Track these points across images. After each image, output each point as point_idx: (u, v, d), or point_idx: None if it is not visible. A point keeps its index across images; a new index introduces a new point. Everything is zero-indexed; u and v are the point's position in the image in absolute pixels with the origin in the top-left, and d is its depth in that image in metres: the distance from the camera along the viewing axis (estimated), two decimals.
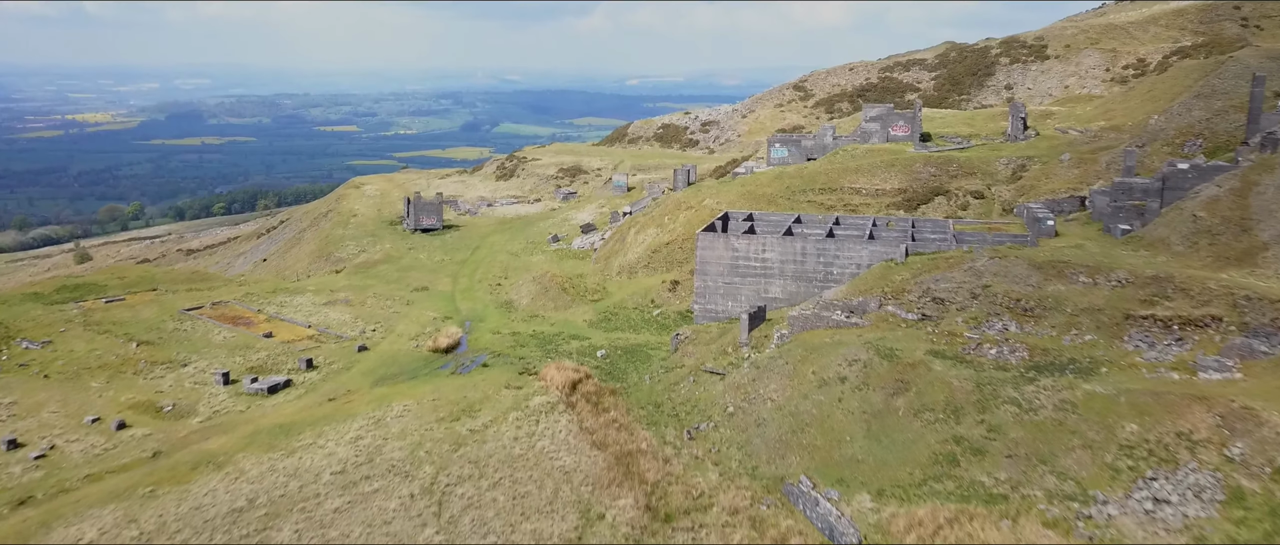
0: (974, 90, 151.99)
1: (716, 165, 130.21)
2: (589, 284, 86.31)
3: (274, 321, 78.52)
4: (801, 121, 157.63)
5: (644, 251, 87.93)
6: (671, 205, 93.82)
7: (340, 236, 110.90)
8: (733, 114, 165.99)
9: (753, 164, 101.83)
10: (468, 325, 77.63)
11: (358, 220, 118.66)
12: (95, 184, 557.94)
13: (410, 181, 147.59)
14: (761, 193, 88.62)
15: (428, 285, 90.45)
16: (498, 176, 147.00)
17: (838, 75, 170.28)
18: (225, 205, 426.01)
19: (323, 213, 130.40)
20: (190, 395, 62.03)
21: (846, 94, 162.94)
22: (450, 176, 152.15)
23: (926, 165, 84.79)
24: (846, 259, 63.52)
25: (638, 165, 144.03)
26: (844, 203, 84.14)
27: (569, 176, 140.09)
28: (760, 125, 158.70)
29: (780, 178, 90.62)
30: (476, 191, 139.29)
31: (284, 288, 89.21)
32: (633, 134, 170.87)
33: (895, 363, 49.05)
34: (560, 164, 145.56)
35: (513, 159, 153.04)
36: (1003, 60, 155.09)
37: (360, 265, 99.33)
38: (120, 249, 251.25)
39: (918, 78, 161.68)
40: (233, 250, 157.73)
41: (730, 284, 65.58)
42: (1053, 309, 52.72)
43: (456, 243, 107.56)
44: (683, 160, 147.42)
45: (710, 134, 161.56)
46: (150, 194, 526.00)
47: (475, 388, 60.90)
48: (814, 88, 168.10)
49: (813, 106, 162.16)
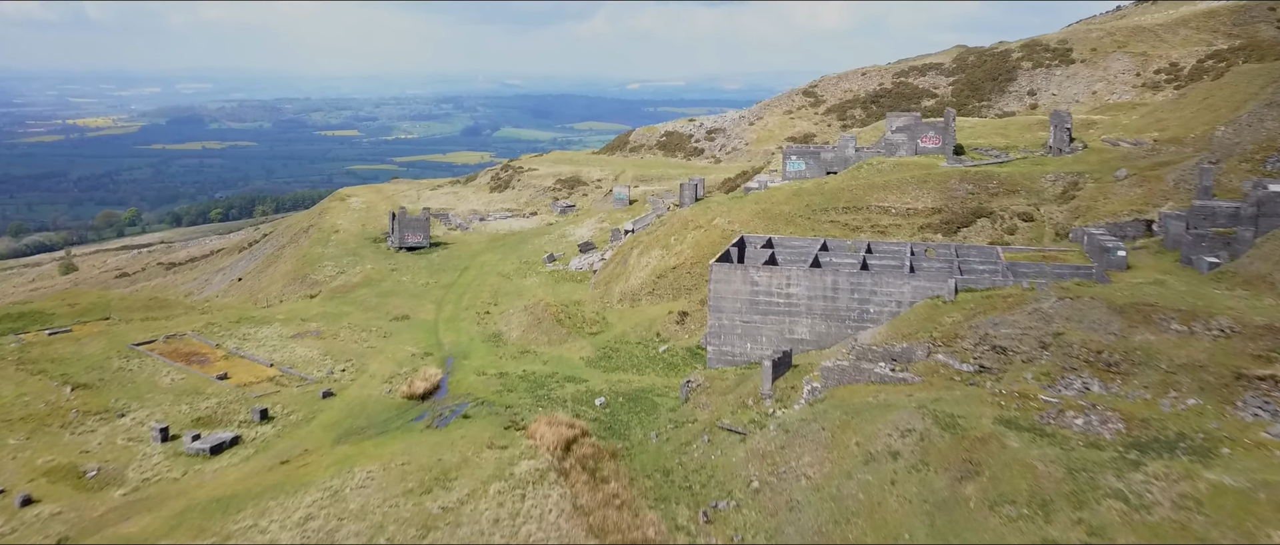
0: (995, 96, 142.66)
1: (725, 177, 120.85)
2: (587, 313, 76.94)
3: (232, 359, 69.19)
4: (812, 129, 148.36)
5: (648, 276, 78.57)
6: (678, 224, 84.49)
7: (318, 256, 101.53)
8: (740, 121, 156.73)
9: (766, 178, 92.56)
10: (449, 364, 68.27)
11: (339, 237, 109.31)
12: (95, 189, 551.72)
13: (399, 193, 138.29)
14: (778, 211, 79.27)
15: (409, 313, 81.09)
16: (492, 187, 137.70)
17: (849, 80, 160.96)
18: (222, 211, 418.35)
19: (303, 228, 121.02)
20: (121, 456, 52.67)
21: (859, 100, 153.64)
22: (442, 187, 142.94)
23: (963, 182, 75.43)
24: (885, 295, 54.18)
25: (640, 176, 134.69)
26: (871, 224, 74.79)
27: (567, 188, 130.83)
28: (769, 133, 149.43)
29: (798, 194, 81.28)
30: (469, 204, 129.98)
31: (249, 317, 79.85)
32: (635, 142, 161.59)
33: (960, 436, 39.70)
34: (558, 175, 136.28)
35: (508, 169, 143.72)
36: (1024, 64, 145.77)
37: (337, 289, 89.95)
38: (108, 258, 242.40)
39: (934, 83, 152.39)
40: (214, 264, 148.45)
41: (749, 323, 56.25)
42: (1143, 364, 43.38)
43: (444, 263, 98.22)
44: (688, 170, 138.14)
45: (716, 142, 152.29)
46: (150, 199, 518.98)
47: (453, 447, 51.56)
48: (824, 93, 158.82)
49: (824, 113, 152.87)
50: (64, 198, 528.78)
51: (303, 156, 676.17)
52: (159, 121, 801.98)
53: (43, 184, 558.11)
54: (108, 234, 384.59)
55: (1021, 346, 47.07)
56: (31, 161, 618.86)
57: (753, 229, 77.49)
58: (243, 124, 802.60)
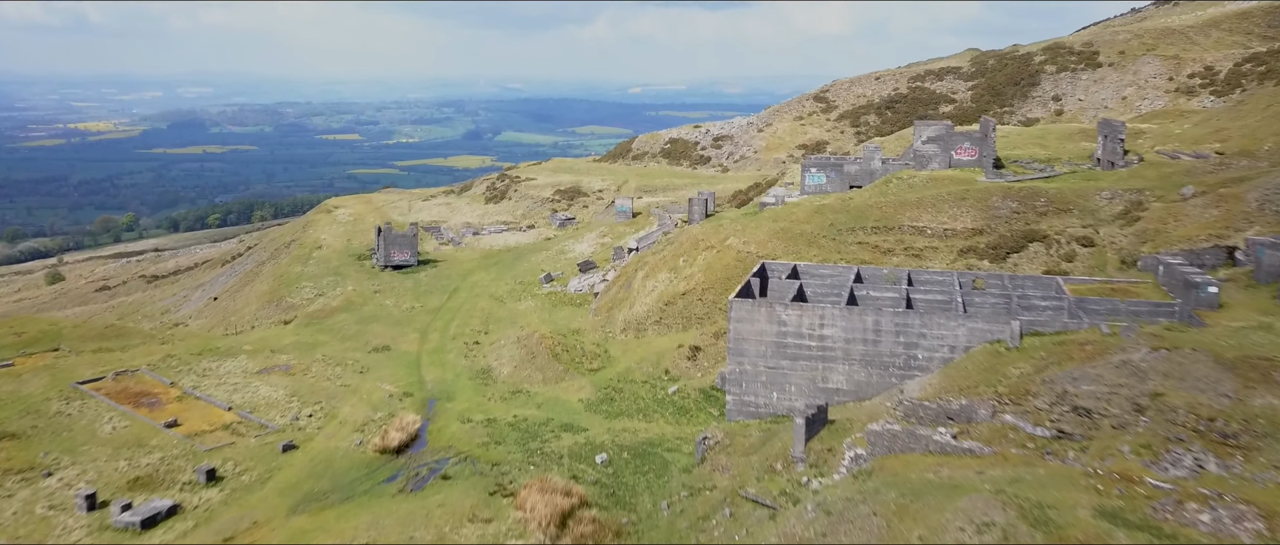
0: (1017, 102, 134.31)
1: (736, 189, 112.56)
2: (587, 344, 68.57)
3: (187, 401, 60.85)
4: (824, 136, 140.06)
5: (654, 303, 70.21)
6: (687, 243, 76.15)
7: (297, 276, 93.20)
8: (748, 128, 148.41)
9: (783, 192, 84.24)
10: (431, 407, 59.92)
11: (322, 254, 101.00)
12: (95, 193, 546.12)
13: (390, 204, 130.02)
14: (799, 231, 70.91)
15: (390, 343, 72.76)
16: (487, 198, 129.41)
17: (862, 85, 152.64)
18: (220, 217, 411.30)
19: (285, 243, 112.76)
20: (35, 530, 44.32)
21: (873, 105, 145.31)
22: (434, 198, 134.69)
23: (1006, 199, 67.08)
24: (935, 338, 45.84)
25: (644, 186, 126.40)
26: (904, 246, 66.44)
27: (567, 199, 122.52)
28: (779, 140, 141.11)
29: (821, 212, 72.93)
30: (462, 216, 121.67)
31: (213, 348, 71.50)
32: (637, 149, 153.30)
33: (1055, 534, 31.38)
34: (557, 185, 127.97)
35: (504, 178, 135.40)
36: (1048, 68, 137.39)
37: (314, 314, 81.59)
38: (96, 268, 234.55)
39: (952, 88, 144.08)
40: (196, 278, 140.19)
41: (776, 369, 47.92)
42: (1269, 436, 35.11)
43: (432, 283, 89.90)
44: (693, 180, 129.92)
45: (723, 150, 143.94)
46: (150, 203, 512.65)
47: (428, 520, 43.24)
48: (836, 99, 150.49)
49: (836, 120, 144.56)
50: (64, 202, 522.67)
51: (303, 160, 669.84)
52: (160, 125, 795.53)
53: (43, 188, 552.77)
54: (104, 239, 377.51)
55: (1110, 408, 38.70)
56: (32, 166, 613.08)
57: (771, 251, 69.18)
58: (244, 128, 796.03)
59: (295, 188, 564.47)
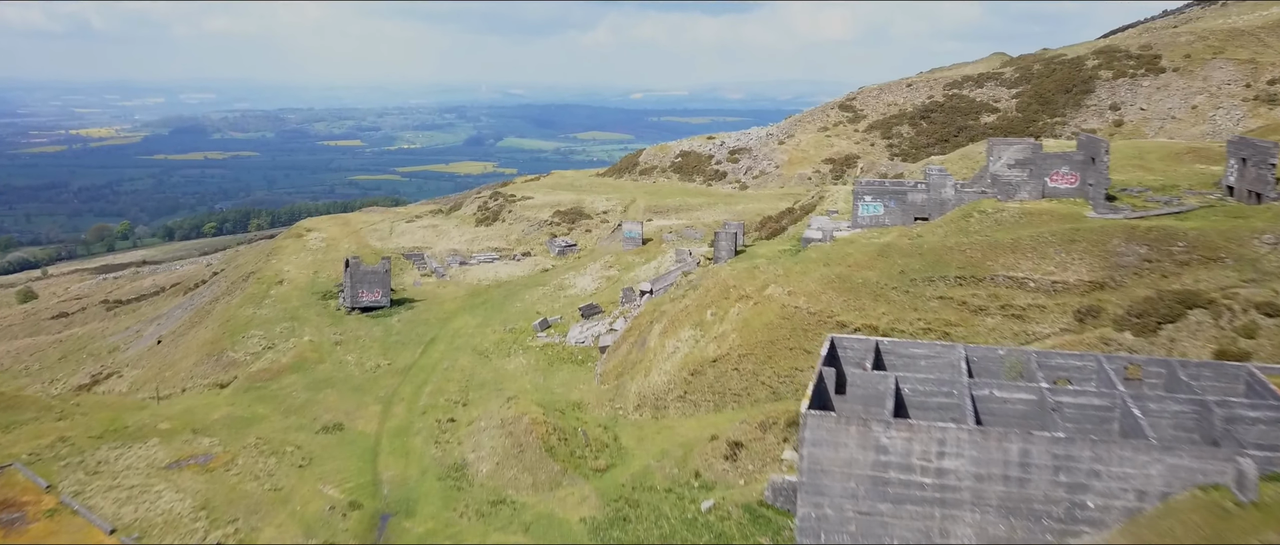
0: (1069, 111, 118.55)
1: (761, 212, 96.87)
2: (591, 426, 52.76)
3: (60, 516, 45.06)
4: (853, 150, 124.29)
5: (676, 371, 54.44)
6: (715, 290, 60.38)
7: (247, 320, 77.46)
8: (767, 140, 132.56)
9: (829, 223, 68.31)
10: (383, 527, 44.16)
11: (282, 291, 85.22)
12: (95, 200, 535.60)
13: (369, 226, 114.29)
14: (859, 280, 55.16)
15: (344, 420, 57.05)
16: (478, 219, 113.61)
17: (893, 92, 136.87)
18: (216, 225, 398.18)
19: (243, 276, 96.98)
20: None
21: (906, 115, 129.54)
22: (420, 219, 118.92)
23: (1130, 242, 51.29)
24: (1115, 478, 30.08)
25: (654, 205, 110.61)
26: (1001, 304, 50.66)
27: (567, 222, 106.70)
28: (802, 154, 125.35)
29: (885, 254, 57.13)
30: (449, 241, 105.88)
31: (120, 428, 55.73)
32: (645, 163, 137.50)
33: None
34: (556, 205, 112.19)
35: (497, 197, 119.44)
36: (1103, 73, 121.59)
37: (258, 375, 65.75)
38: (72, 285, 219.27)
39: (994, 95, 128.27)
40: (156, 307, 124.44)
41: (872, 516, 32.26)
42: None
43: (405, 331, 74.14)
44: (708, 199, 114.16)
45: (741, 164, 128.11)
46: (150, 210, 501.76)
47: None
48: (864, 107, 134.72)
49: (865, 131, 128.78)
50: (64, 209, 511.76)
51: (305, 167, 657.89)
52: (162, 131, 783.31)
53: (43, 195, 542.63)
54: (97, 248, 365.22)
55: None
56: (33, 172, 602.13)
57: (826, 306, 53.44)
58: (246, 134, 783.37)
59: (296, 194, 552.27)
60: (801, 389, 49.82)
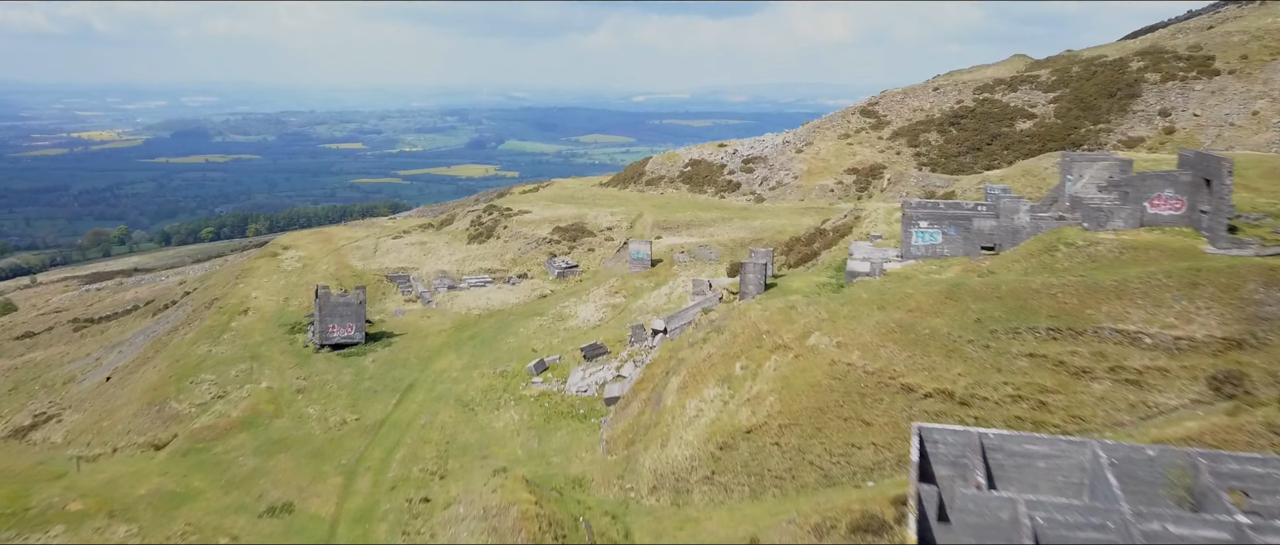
0: (1114, 118, 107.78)
1: (783, 229, 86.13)
2: (596, 515, 42.03)
3: None
4: (877, 159, 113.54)
5: (700, 441, 43.69)
6: (745, 335, 49.65)
7: (199, 361, 66.76)
8: (784, 147, 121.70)
9: (875, 252, 57.46)
10: None
11: (245, 323, 74.49)
12: (95, 204, 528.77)
13: (352, 243, 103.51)
14: (923, 328, 44.40)
15: (295, 498, 46.35)
16: (471, 236, 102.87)
17: (918, 96, 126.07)
18: (213, 230, 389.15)
19: (207, 301, 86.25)
20: None
21: (934, 121, 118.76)
22: (408, 234, 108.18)
23: (1272, 287, 40.57)
24: None
25: (662, 221, 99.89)
26: (1108, 364, 39.88)
27: (568, 239, 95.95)
28: (823, 163, 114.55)
29: (954, 296, 46.32)
30: (438, 261, 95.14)
31: (19, 510, 45.04)
32: (652, 172, 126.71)
33: None
34: (556, 220, 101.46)
35: (492, 211, 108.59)
36: (1149, 76, 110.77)
37: (201, 433, 55.00)
38: (52, 296, 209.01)
39: (1029, 99, 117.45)
40: (126, 327, 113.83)
41: None
42: None
43: (380, 374, 63.43)
44: (722, 213, 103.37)
45: (756, 174, 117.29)
46: (150, 214, 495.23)
47: None
48: (888, 113, 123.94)
49: (890, 138, 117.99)
50: (63, 212, 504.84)
51: (306, 170, 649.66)
52: (163, 135, 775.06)
53: (44, 198, 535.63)
54: (93, 253, 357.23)
55: None
56: (34, 175, 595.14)
57: (887, 362, 42.69)
58: (247, 137, 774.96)
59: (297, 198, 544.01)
60: (861, 472, 39.14)
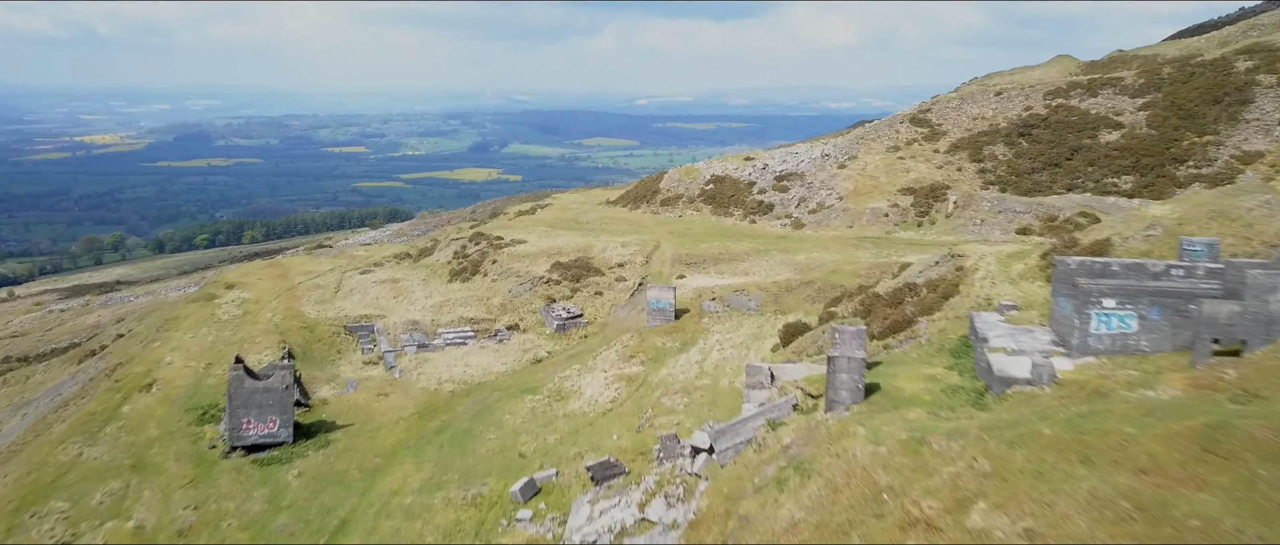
0: (1223, 127, 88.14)
1: (851, 277, 66.41)
2: None
3: None
4: (936, 176, 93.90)
5: None
6: (851, 492, 30.07)
7: (58, 473, 47.08)
8: (823, 162, 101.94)
9: (1024, 336, 37.77)
10: None
11: (144, 404, 54.84)
12: (96, 208, 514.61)
13: (312, 279, 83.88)
14: (1186, 516, 25.01)
15: None
16: (453, 271, 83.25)
17: (977, 103, 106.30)
18: (208, 237, 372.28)
19: (110, 368, 66.65)
20: None
21: (999, 131, 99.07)
22: (381, 267, 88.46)
23: None
24: None
25: (686, 255, 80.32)
26: None
27: (570, 279, 76.36)
28: (871, 181, 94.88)
29: (1218, 446, 26.58)
30: (411, 305, 75.55)
31: None
32: (668, 190, 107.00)
33: None
34: (556, 253, 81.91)
35: (480, 240, 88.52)
36: (1263, 79, 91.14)
37: None
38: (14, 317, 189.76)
39: (1112, 105, 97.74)
40: (55, 372, 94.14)
41: None
42: None
43: (303, 502, 43.88)
44: (757, 243, 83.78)
45: (791, 194, 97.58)
46: (150, 218, 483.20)
47: None
48: (943, 122, 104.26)
49: (948, 152, 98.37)
50: (63, 217, 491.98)
51: (308, 174, 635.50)
52: (166, 138, 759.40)
53: (44, 203, 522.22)
54: (84, 261, 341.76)
55: None
56: (36, 179, 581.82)
57: None
58: (250, 140, 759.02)
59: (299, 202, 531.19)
60: None
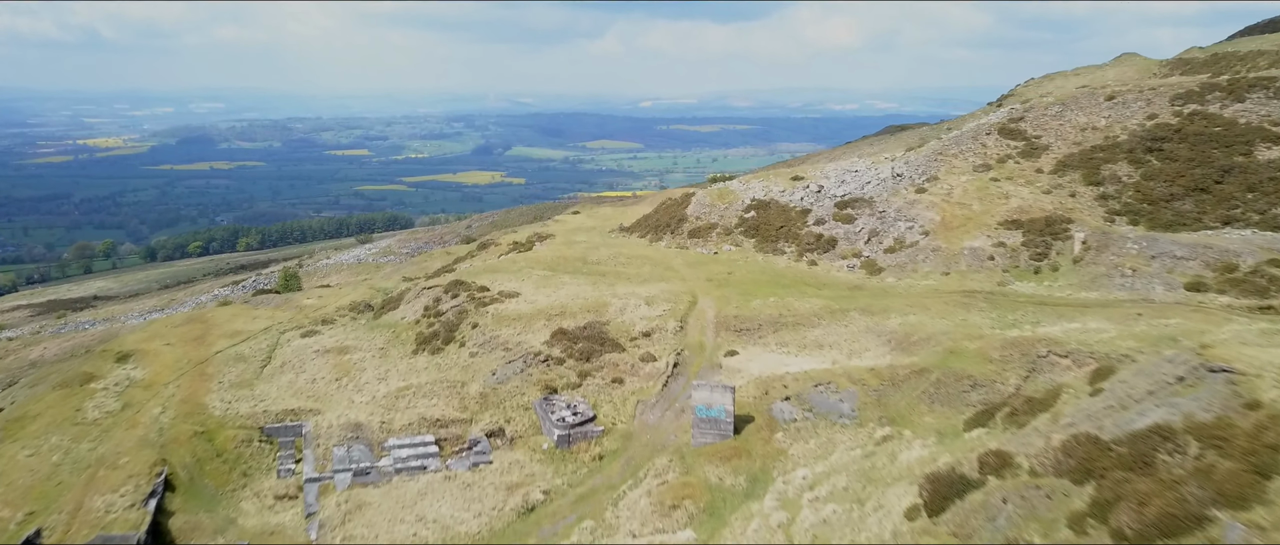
0: None
1: (984, 371, 43.66)
2: None
3: None
4: (1047, 203, 71.08)
5: None
6: None
7: None
8: (894, 183, 78.99)
9: None
10: None
11: None
12: (96, 212, 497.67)
13: (234, 345, 61.45)
14: None
15: None
16: (420, 338, 60.51)
17: (1083, 108, 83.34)
18: (201, 245, 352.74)
19: None
20: None
21: (1120, 146, 76.22)
22: (331, 325, 65.62)
23: None
24: None
25: (733, 318, 57.61)
26: None
27: (578, 357, 53.63)
28: (964, 211, 72.03)
29: None
30: (357, 395, 52.97)
31: None
32: (696, 217, 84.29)
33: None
34: (559, 313, 59.14)
35: (458, 290, 65.13)
36: None
37: None
38: None
39: (1267, 111, 74.92)
40: None
41: None
42: None
43: None
44: (823, 295, 61.17)
45: (859, 225, 74.69)
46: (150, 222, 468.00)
47: None
48: (1042, 133, 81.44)
49: (1054, 172, 75.56)
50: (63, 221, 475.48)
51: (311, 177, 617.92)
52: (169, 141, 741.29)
53: (45, 207, 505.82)
54: (74, 269, 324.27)
55: None
56: (37, 183, 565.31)
57: None
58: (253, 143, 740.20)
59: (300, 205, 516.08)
60: None
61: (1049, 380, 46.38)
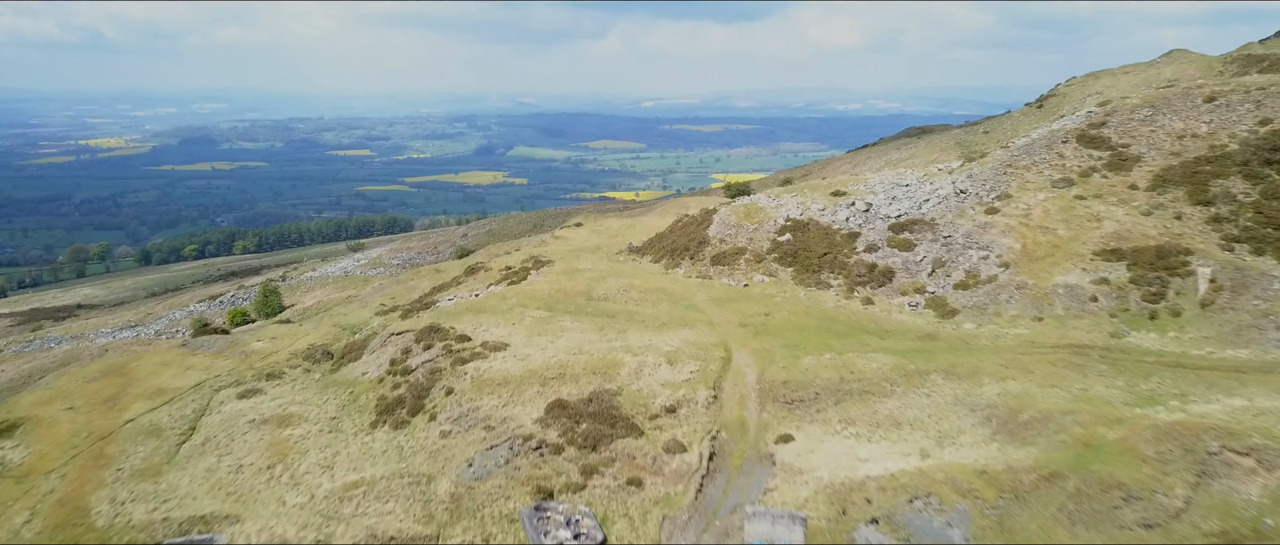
0: None
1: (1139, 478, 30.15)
2: None
3: None
4: (1149, 229, 57.47)
5: None
6: None
7: None
8: (959, 201, 65.41)
9: None
10: None
11: None
12: (96, 213, 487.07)
13: (162, 401, 48.25)
14: None
15: None
16: (382, 406, 46.62)
17: (1180, 113, 69.62)
18: (197, 248, 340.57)
19: None
20: None
21: (1231, 158, 62.58)
22: (276, 384, 52.34)
23: None
24: None
25: (781, 383, 44.11)
26: None
27: (581, 444, 40.29)
28: (1047, 236, 58.41)
29: None
30: (291, 492, 39.61)
31: None
32: (721, 240, 70.80)
33: None
34: (557, 374, 45.77)
35: (432, 339, 51.02)
36: None
37: None
38: None
39: None
40: None
41: None
42: None
43: None
44: (890, 347, 47.51)
45: (920, 254, 61.16)
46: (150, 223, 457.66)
47: None
48: (1130, 141, 67.80)
49: (1150, 188, 61.94)
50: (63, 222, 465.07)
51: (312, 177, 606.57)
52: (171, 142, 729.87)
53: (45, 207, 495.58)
54: (67, 273, 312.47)
55: None
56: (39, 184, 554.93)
57: None
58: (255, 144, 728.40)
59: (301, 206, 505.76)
60: None
61: (1227, 489, 33.08)
